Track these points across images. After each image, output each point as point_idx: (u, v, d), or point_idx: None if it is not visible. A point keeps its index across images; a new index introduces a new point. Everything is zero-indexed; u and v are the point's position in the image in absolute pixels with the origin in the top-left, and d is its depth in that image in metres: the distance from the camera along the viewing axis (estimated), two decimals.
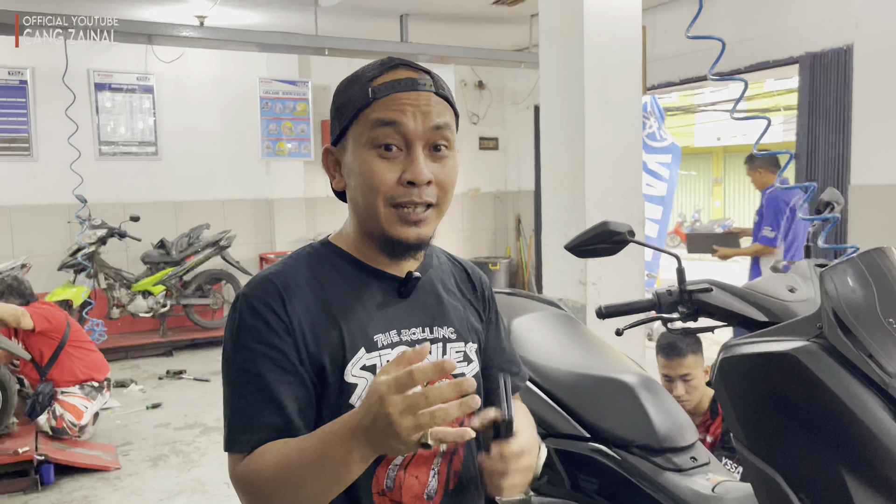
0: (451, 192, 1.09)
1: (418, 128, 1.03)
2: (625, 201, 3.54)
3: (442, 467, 1.12)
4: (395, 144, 1.03)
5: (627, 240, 1.52)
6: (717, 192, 20.45)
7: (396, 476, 1.07)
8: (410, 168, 1.03)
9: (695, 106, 13.04)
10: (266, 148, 7.20)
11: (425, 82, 1.05)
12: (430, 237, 1.09)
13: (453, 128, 1.08)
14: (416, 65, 1.08)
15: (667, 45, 5.81)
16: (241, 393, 1.02)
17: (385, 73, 1.05)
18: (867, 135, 4.48)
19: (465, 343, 1.17)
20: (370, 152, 1.04)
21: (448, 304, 1.18)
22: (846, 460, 1.16)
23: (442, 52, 6.36)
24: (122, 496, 3.57)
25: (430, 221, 1.08)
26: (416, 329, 1.12)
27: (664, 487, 1.63)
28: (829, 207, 1.81)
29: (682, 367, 2.54)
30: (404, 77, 1.05)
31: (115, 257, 6.61)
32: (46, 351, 4.09)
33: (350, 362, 1.05)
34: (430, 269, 1.19)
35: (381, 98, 1.03)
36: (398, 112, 1.02)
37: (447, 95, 1.08)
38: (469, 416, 0.99)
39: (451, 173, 1.08)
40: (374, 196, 1.04)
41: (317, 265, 1.10)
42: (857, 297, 1.25)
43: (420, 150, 1.03)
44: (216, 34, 5.62)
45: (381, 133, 1.02)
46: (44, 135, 6.37)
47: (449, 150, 1.07)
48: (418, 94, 1.04)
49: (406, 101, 1.03)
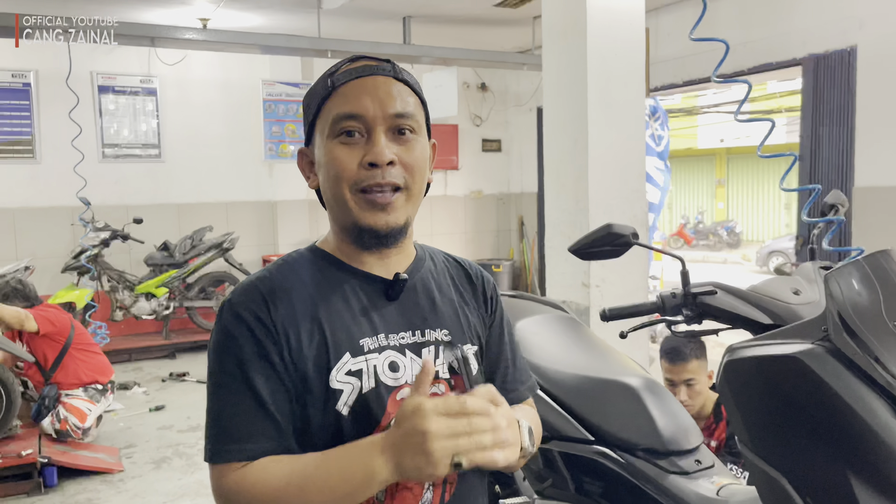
0: (421, 176, 1.07)
1: (377, 112, 1.02)
2: (628, 203, 3.53)
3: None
4: (357, 131, 1.03)
5: (632, 242, 1.52)
6: (721, 194, 20.41)
7: (388, 488, 1.02)
8: (371, 150, 1.02)
9: (697, 108, 13.02)
10: (269, 150, 7.21)
11: (385, 68, 1.06)
12: (401, 225, 1.06)
13: (416, 113, 1.06)
14: (377, 57, 1.08)
15: (670, 46, 5.80)
16: (229, 401, 1.00)
17: (345, 65, 1.07)
18: (871, 137, 4.47)
19: (462, 345, 1.14)
20: (333, 142, 1.04)
21: (441, 305, 1.14)
22: (852, 464, 1.16)
23: (445, 54, 6.37)
24: (125, 499, 3.57)
25: (400, 207, 1.05)
26: (404, 333, 1.09)
27: (669, 491, 1.62)
28: (834, 209, 1.80)
29: (685, 371, 2.53)
30: (363, 65, 1.05)
31: (118, 259, 6.62)
32: (50, 354, 4.09)
33: (335, 368, 1.02)
34: (422, 269, 1.16)
35: (339, 87, 1.04)
36: (356, 100, 1.02)
37: (409, 80, 1.07)
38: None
39: (418, 156, 1.05)
40: (339, 184, 1.03)
41: (303, 270, 1.09)
42: (862, 299, 1.24)
43: (381, 133, 1.03)
44: (219, 36, 5.63)
45: (341, 123, 1.03)
46: (47, 137, 6.39)
47: (414, 133, 1.06)
48: (375, 78, 1.04)
49: (363, 88, 1.03)
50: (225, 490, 0.98)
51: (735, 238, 17.65)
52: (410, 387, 1.04)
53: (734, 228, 17.94)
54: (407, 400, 0.88)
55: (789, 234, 14.53)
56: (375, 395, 1.03)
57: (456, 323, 1.15)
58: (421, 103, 1.09)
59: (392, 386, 1.05)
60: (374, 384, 1.03)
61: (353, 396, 1.02)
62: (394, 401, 1.04)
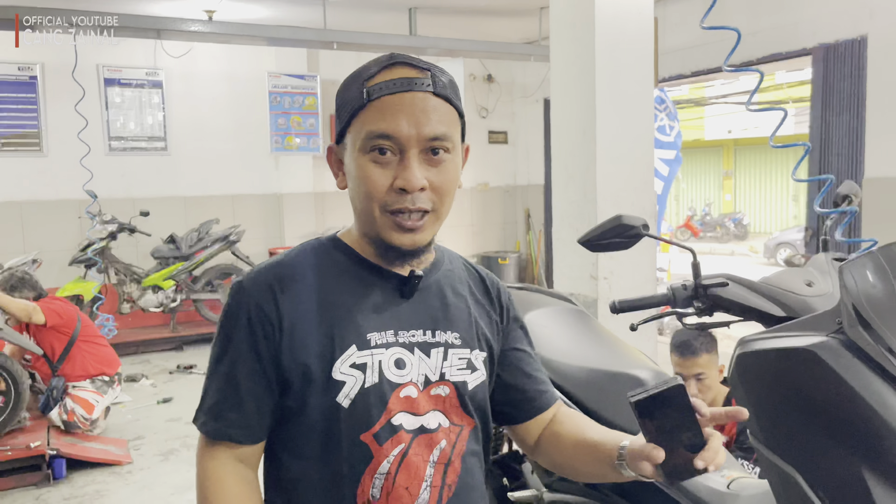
0: (450, 197, 1.05)
1: (412, 133, 0.99)
2: (636, 195, 3.51)
3: (435, 479, 1.06)
4: (389, 149, 1.00)
5: (642, 234, 1.50)
6: (728, 186, 20.33)
7: (383, 486, 1.02)
8: (402, 175, 0.99)
9: (705, 98, 12.95)
10: (275, 142, 7.21)
11: (423, 81, 1.00)
12: (426, 243, 1.06)
13: (452, 133, 1.03)
14: (418, 61, 1.03)
15: (678, 37, 5.76)
16: (213, 378, 1.06)
17: (381, 71, 1.01)
18: (881, 127, 4.43)
19: (471, 350, 1.12)
20: (365, 157, 1.01)
21: (455, 309, 1.13)
22: (866, 457, 1.14)
23: (451, 46, 6.34)
24: (133, 490, 3.59)
25: (427, 228, 1.04)
26: (415, 331, 1.08)
27: (679, 484, 1.61)
28: (847, 200, 1.78)
29: (696, 366, 2.51)
30: (400, 77, 1.00)
31: (125, 252, 6.63)
32: (58, 346, 4.10)
33: (339, 359, 1.02)
34: (439, 272, 1.15)
35: (374, 100, 1.00)
36: (391, 119, 0.98)
37: (448, 95, 1.02)
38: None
39: (449, 179, 1.03)
40: (369, 202, 1.02)
41: (319, 259, 1.09)
42: (877, 291, 1.22)
43: (414, 156, 1.00)
44: (225, 28, 5.61)
45: (374, 140, 1.00)
46: (54, 130, 6.39)
47: (448, 153, 1.03)
48: (413, 94, 0.99)
49: (399, 106, 0.99)
50: (197, 451, 1.08)
51: (742, 230, 17.59)
52: (415, 385, 1.05)
53: (741, 220, 17.87)
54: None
55: (797, 225, 14.47)
56: (377, 390, 1.02)
57: (467, 328, 1.13)
58: (458, 114, 1.06)
59: (396, 383, 1.04)
60: (378, 380, 1.03)
61: (355, 389, 1.02)
62: (397, 398, 1.03)
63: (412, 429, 1.04)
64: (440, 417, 1.07)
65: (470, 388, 1.10)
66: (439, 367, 1.08)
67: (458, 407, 1.10)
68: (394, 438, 1.03)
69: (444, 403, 1.08)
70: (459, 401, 1.09)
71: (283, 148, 7.25)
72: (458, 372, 1.10)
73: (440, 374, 1.08)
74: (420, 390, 1.06)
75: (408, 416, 1.04)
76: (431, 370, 1.07)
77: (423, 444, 1.05)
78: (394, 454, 1.03)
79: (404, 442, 1.03)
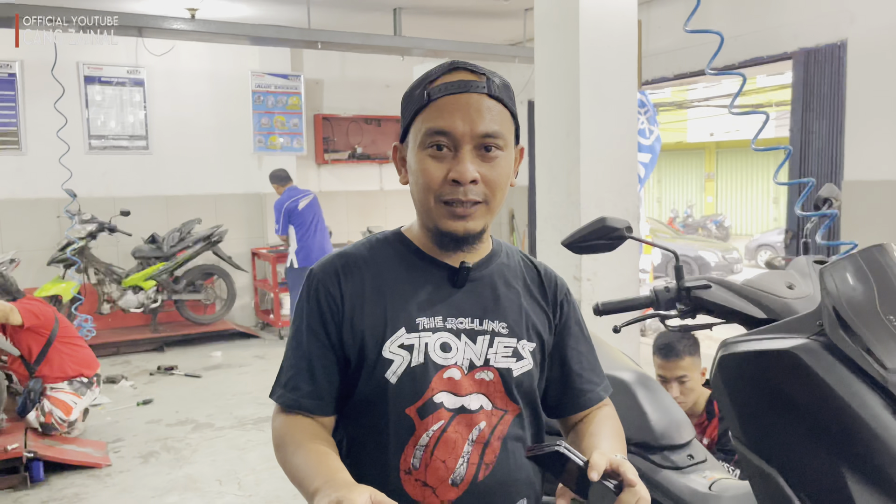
0: (502, 190, 1.14)
1: (465, 130, 1.09)
2: (620, 197, 3.52)
3: (473, 456, 1.13)
4: (445, 145, 1.10)
5: (626, 236, 1.50)
6: (710, 188, 20.50)
7: (422, 457, 1.12)
8: (456, 168, 1.09)
9: (688, 101, 13.05)
10: (258, 142, 7.16)
11: (479, 84, 1.11)
12: (478, 230, 1.14)
13: (504, 132, 1.12)
14: (475, 67, 1.13)
15: (661, 40, 5.79)
16: (290, 355, 1.17)
17: (443, 76, 1.13)
18: (861, 130, 4.48)
19: (518, 340, 1.19)
20: (423, 153, 1.11)
21: (505, 300, 1.20)
22: (846, 458, 1.15)
23: (435, 46, 6.33)
24: (112, 493, 3.55)
25: (479, 216, 1.13)
26: (464, 319, 1.16)
27: (661, 485, 1.62)
28: (828, 203, 1.80)
29: (678, 368, 2.52)
30: (458, 80, 1.11)
31: (105, 252, 6.56)
32: (35, 347, 4.04)
33: (389, 339, 1.12)
34: (493, 264, 1.23)
35: (434, 100, 1.10)
36: (448, 117, 1.09)
37: (501, 97, 1.12)
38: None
39: (500, 174, 1.12)
40: (426, 193, 1.12)
41: (380, 249, 1.21)
42: (857, 294, 1.24)
43: (468, 151, 1.09)
44: (207, 27, 5.56)
45: (432, 137, 1.10)
46: (33, 128, 6.31)
47: (500, 151, 1.12)
48: (469, 95, 1.10)
49: (456, 105, 1.09)
50: (272, 422, 1.17)
51: (724, 232, 17.74)
52: (459, 368, 1.14)
53: (723, 222, 18.01)
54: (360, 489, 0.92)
55: (777, 227, 14.62)
56: (422, 369, 1.12)
57: (517, 319, 1.20)
58: (511, 116, 1.15)
59: (441, 364, 1.13)
60: (423, 360, 1.13)
61: (402, 368, 1.12)
62: (440, 378, 1.13)
63: (453, 408, 1.13)
64: (483, 400, 1.15)
65: (515, 376, 1.17)
66: (484, 353, 1.16)
67: (502, 392, 1.17)
68: (435, 415, 1.12)
69: (489, 388, 1.16)
70: (504, 387, 1.17)
71: (266, 148, 7.20)
72: (503, 359, 1.17)
73: (485, 360, 1.16)
74: (464, 373, 1.15)
75: (449, 395, 1.13)
76: (476, 355, 1.16)
77: (462, 423, 1.13)
78: (434, 429, 1.12)
79: (444, 419, 1.12)
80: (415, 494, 1.12)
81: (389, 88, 7.93)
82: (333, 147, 7.90)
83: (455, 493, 1.12)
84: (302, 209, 6.34)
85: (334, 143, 7.91)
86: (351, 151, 7.95)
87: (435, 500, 1.12)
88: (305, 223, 6.34)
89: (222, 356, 6.32)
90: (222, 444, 4.18)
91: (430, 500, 1.12)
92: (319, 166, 7.90)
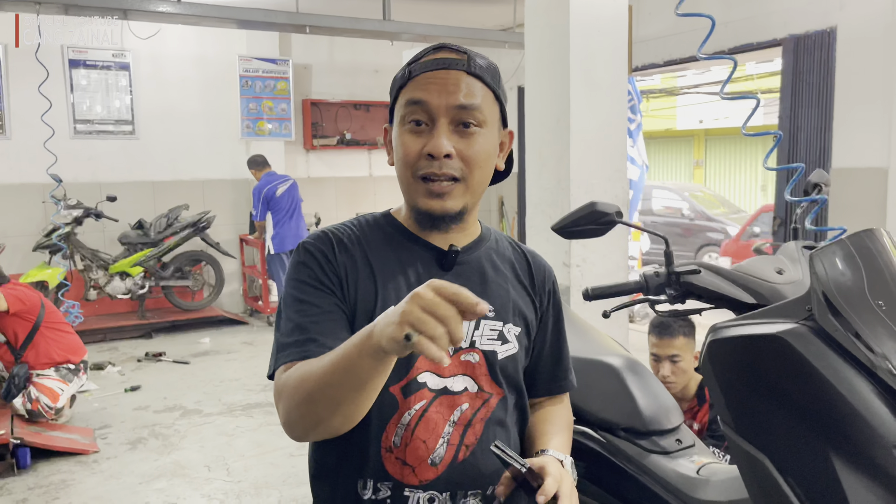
0: (479, 168, 1.12)
1: (440, 103, 1.08)
2: (610, 183, 3.52)
3: (453, 437, 1.14)
4: (423, 120, 1.10)
5: (615, 221, 1.50)
6: (699, 175, 20.56)
7: (403, 436, 1.12)
8: (431, 141, 1.09)
9: (677, 88, 13.05)
10: (246, 127, 7.10)
11: (459, 62, 1.11)
12: (456, 210, 1.13)
13: (483, 107, 1.11)
14: (459, 47, 1.14)
15: (651, 26, 5.78)
16: (289, 317, 1.10)
17: (427, 55, 1.14)
18: (849, 117, 4.49)
19: (504, 323, 1.19)
20: (403, 129, 1.12)
21: (493, 284, 1.21)
22: (834, 442, 1.16)
23: (425, 31, 6.27)
24: (100, 480, 3.53)
25: (456, 195, 1.12)
26: None
27: (649, 470, 1.62)
28: (817, 189, 1.80)
29: (671, 347, 2.53)
30: (439, 57, 1.12)
31: (91, 238, 6.50)
32: (21, 332, 4.01)
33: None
34: (482, 248, 1.23)
35: (415, 77, 1.11)
36: (424, 90, 1.09)
37: (482, 75, 1.12)
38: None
39: (478, 150, 1.11)
40: (405, 168, 1.12)
41: (370, 230, 1.20)
42: (846, 279, 1.24)
43: (443, 125, 1.09)
44: (194, 10, 5.49)
45: (411, 110, 1.10)
46: (17, 112, 6.22)
47: (479, 127, 1.11)
48: (447, 72, 1.10)
49: (433, 80, 1.10)
50: (274, 393, 1.08)
51: None
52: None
53: None
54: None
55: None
56: None
57: (504, 302, 1.21)
58: (495, 97, 1.15)
59: None
60: None
61: None
62: (424, 358, 1.10)
63: (435, 388, 1.13)
64: (468, 382, 1.16)
65: (500, 359, 1.18)
66: (470, 335, 1.16)
67: (487, 375, 1.18)
68: (417, 394, 1.12)
69: (475, 370, 1.17)
70: (489, 369, 1.18)
71: (253, 133, 7.15)
72: (489, 341, 1.18)
73: (470, 342, 1.16)
74: (449, 354, 1.10)
75: (432, 376, 1.13)
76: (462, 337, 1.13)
77: (444, 403, 1.14)
78: (416, 408, 1.12)
79: (426, 399, 1.13)
80: (394, 472, 1.13)
81: (378, 73, 7.87)
82: (322, 133, 7.84)
83: (434, 472, 1.13)
84: (280, 195, 6.35)
85: (323, 129, 7.86)
86: (340, 137, 7.90)
87: (414, 478, 1.13)
88: (283, 209, 6.36)
89: (210, 343, 6.30)
90: (210, 430, 4.17)
91: (409, 479, 1.13)
92: (308, 152, 7.85)
